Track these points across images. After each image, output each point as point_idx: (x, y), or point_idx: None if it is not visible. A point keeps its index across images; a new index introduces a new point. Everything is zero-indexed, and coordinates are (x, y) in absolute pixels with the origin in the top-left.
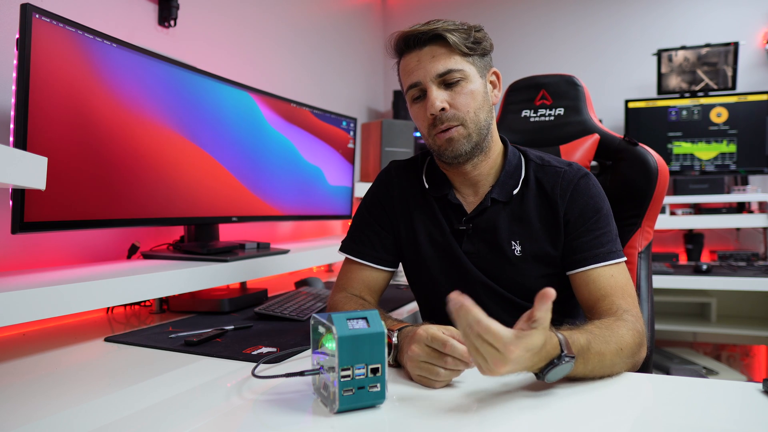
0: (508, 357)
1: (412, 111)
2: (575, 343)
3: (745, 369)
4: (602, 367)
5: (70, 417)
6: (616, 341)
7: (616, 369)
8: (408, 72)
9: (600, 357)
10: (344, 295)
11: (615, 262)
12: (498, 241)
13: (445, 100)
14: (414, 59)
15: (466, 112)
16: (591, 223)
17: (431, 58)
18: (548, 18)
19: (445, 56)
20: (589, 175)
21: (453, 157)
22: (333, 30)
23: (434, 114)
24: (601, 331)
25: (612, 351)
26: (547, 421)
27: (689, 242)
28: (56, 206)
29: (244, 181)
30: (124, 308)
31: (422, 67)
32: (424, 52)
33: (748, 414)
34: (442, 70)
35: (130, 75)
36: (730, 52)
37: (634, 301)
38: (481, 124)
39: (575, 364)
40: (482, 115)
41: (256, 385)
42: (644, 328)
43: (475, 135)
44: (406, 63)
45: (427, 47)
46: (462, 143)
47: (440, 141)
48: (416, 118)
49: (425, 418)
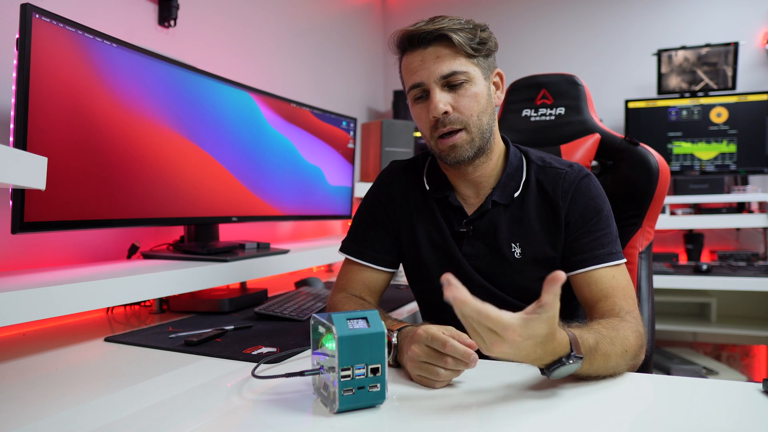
0: (506, 339)
1: (413, 111)
2: (585, 342)
3: (745, 369)
4: (606, 368)
5: (70, 417)
6: (621, 343)
7: (618, 370)
8: (411, 71)
9: (605, 358)
10: (344, 295)
11: (616, 263)
12: (498, 244)
13: (449, 103)
14: (417, 59)
15: (469, 115)
16: (592, 224)
17: (435, 58)
18: (548, 18)
19: (449, 57)
20: (591, 176)
21: (455, 161)
22: (333, 30)
23: (437, 117)
24: (608, 332)
25: (617, 353)
26: (548, 420)
27: (689, 242)
28: (56, 206)
29: (244, 181)
30: (124, 308)
31: (426, 68)
32: (428, 52)
33: (748, 414)
34: (446, 71)
35: (130, 75)
36: (730, 52)
37: (635, 302)
38: (484, 127)
39: (581, 363)
40: (485, 119)
41: (256, 385)
42: (645, 330)
43: (478, 139)
44: (409, 62)
45: (432, 47)
46: (465, 149)
47: (443, 146)
48: (418, 118)
49: (425, 418)
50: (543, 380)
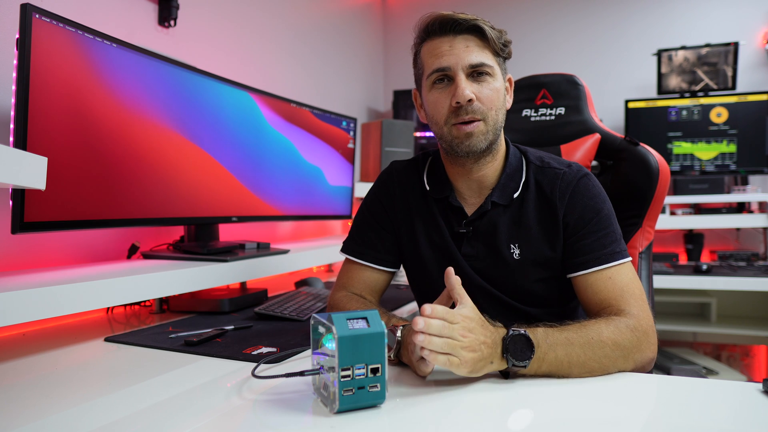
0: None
1: (430, 95)
2: (534, 330)
3: (745, 369)
4: (576, 354)
5: (70, 417)
6: (591, 333)
7: (604, 363)
8: (436, 55)
9: (568, 346)
10: (345, 294)
11: (616, 264)
12: (497, 245)
13: (473, 92)
14: (446, 44)
15: (489, 108)
16: (592, 225)
17: (465, 47)
18: (548, 18)
19: (478, 49)
20: (589, 176)
21: (467, 152)
22: (333, 30)
23: (461, 103)
24: (572, 325)
25: (582, 342)
26: (548, 420)
27: (689, 242)
28: (56, 206)
29: (244, 181)
30: (124, 308)
31: (455, 54)
32: (459, 40)
33: (748, 414)
34: (475, 61)
35: (130, 75)
36: (730, 52)
37: (637, 300)
38: (498, 124)
39: (535, 337)
40: (501, 116)
41: (256, 385)
42: (649, 327)
43: (492, 134)
44: (434, 46)
45: (462, 36)
46: (480, 139)
47: (458, 132)
48: (435, 103)
49: (425, 418)
50: (544, 381)
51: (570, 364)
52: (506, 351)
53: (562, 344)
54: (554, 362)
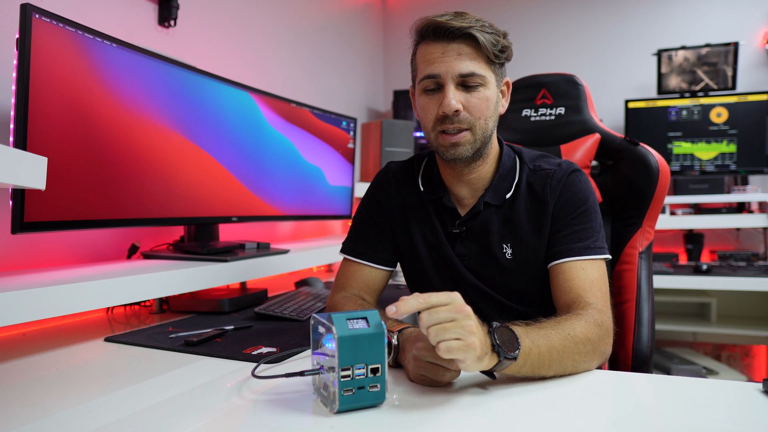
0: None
1: (420, 101)
2: (514, 325)
3: (745, 369)
4: (557, 350)
5: (70, 417)
6: (566, 329)
7: (577, 359)
8: (428, 61)
9: (546, 338)
10: (343, 295)
11: (591, 258)
12: (490, 245)
13: (461, 102)
14: (438, 50)
15: (477, 117)
16: (572, 218)
17: (457, 55)
18: (548, 17)
19: (470, 57)
20: (579, 172)
21: (453, 159)
22: (333, 30)
23: (447, 114)
24: (547, 321)
25: (561, 336)
26: (548, 420)
27: (689, 242)
28: (56, 206)
29: (244, 181)
30: (124, 308)
31: (446, 62)
32: (451, 47)
33: (748, 414)
34: (465, 71)
35: (130, 75)
36: (730, 52)
37: (603, 297)
38: (488, 132)
39: (517, 331)
40: (490, 124)
41: (256, 385)
42: (611, 325)
43: (479, 141)
44: (428, 51)
45: (455, 43)
46: (466, 148)
47: (444, 141)
48: (423, 109)
49: (425, 418)
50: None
51: (551, 360)
52: (495, 344)
53: (543, 337)
54: (537, 358)
